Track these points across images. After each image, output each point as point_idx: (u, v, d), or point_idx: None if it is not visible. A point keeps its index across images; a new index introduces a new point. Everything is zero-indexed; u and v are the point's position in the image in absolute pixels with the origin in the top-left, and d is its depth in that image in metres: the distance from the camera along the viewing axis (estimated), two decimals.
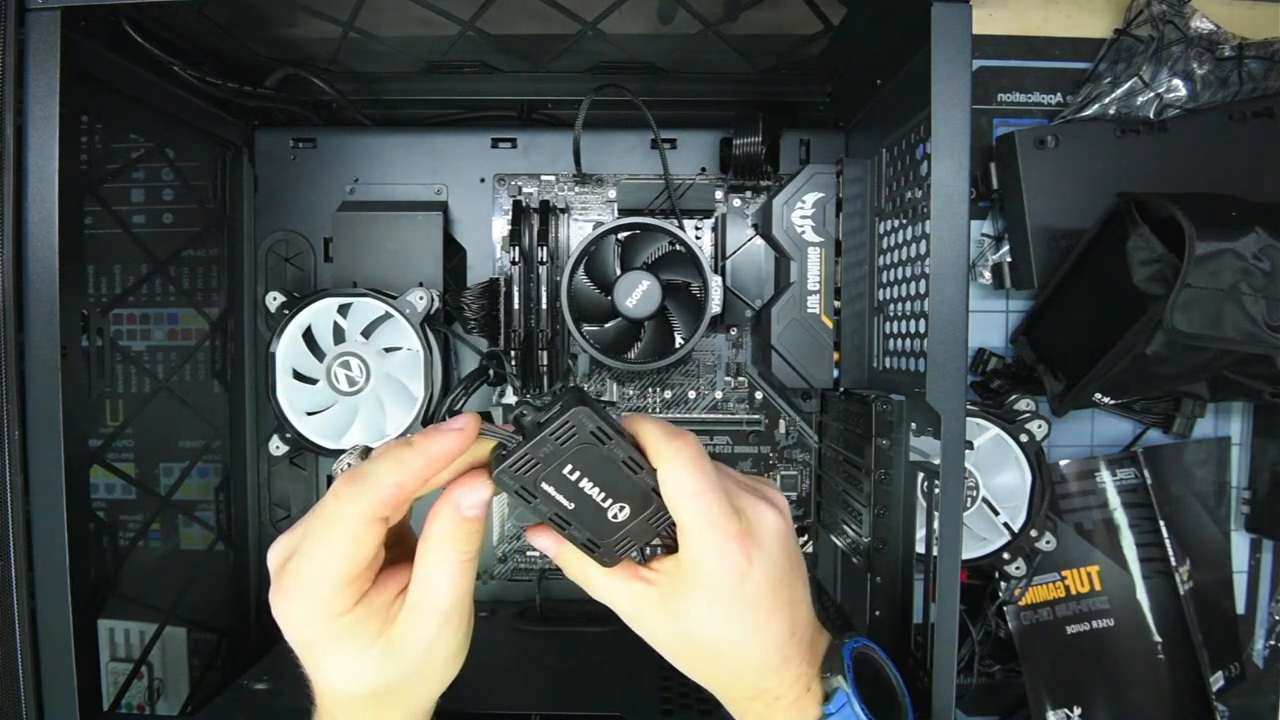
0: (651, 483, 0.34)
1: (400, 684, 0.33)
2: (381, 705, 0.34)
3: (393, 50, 0.60)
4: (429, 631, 0.32)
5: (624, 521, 0.35)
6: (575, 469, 0.33)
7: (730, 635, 0.35)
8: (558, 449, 0.32)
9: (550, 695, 0.53)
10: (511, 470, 0.32)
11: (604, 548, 0.35)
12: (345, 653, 0.32)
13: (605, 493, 0.34)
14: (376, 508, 0.30)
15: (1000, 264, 0.70)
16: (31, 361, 0.41)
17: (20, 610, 0.41)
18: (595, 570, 0.36)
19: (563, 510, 0.34)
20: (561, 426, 0.32)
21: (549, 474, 0.33)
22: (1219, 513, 0.72)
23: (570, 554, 0.36)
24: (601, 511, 0.34)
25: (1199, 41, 0.66)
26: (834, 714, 0.36)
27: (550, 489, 0.33)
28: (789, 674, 0.36)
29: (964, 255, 0.41)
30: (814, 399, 0.68)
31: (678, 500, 0.33)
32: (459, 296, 0.64)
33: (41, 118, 0.41)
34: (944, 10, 0.40)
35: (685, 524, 0.34)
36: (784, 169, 0.66)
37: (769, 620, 0.35)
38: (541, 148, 0.68)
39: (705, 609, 0.34)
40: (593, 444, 0.32)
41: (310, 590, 0.31)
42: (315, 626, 0.32)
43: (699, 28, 0.56)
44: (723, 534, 0.34)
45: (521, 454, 0.32)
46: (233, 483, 0.67)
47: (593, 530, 0.35)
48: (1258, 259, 0.54)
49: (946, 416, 0.41)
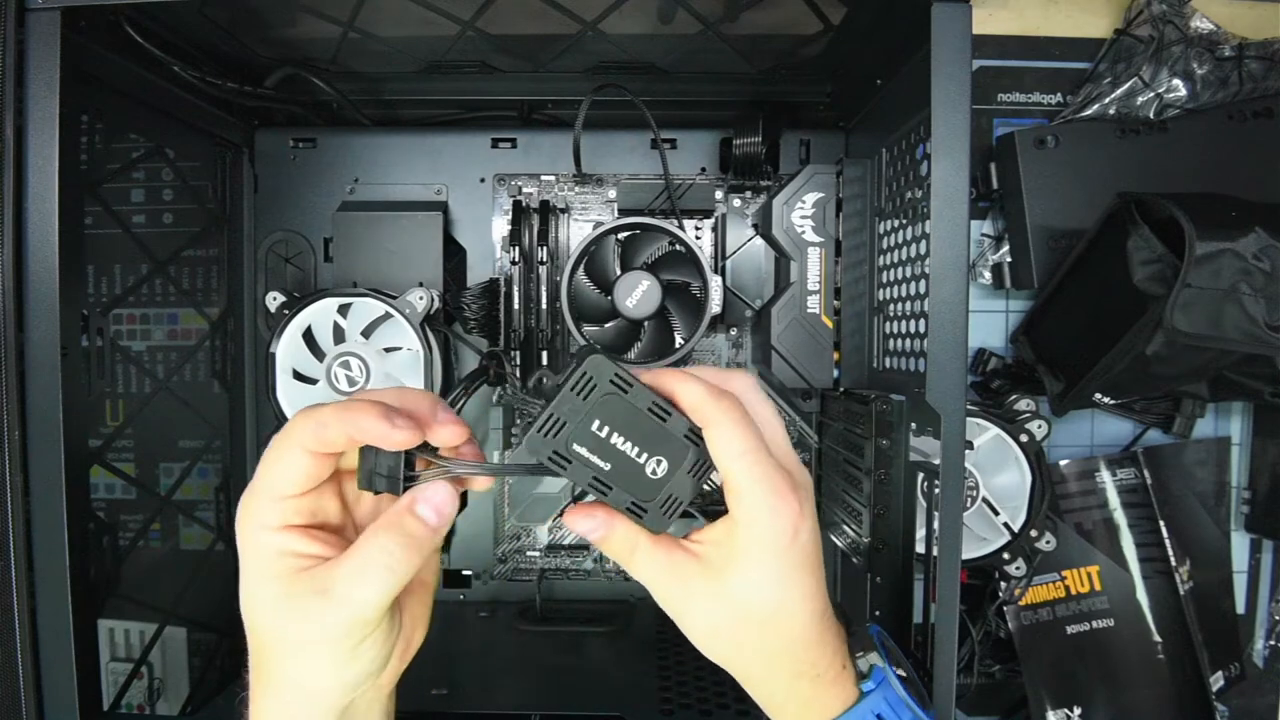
0: (683, 429, 0.34)
1: (282, 640, 0.33)
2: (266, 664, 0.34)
3: (393, 50, 0.60)
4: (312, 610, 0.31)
5: (664, 477, 0.34)
6: (603, 423, 0.32)
7: (782, 598, 0.34)
8: (580, 404, 0.32)
9: (550, 695, 0.53)
10: (540, 435, 0.32)
11: (650, 511, 0.34)
12: (254, 574, 0.33)
13: (638, 446, 0.33)
14: (308, 439, 0.32)
15: (1000, 264, 0.70)
16: (31, 361, 0.41)
17: (20, 610, 0.41)
18: (641, 548, 0.35)
19: (600, 473, 0.33)
20: (580, 379, 0.31)
21: (578, 433, 0.32)
22: (1219, 513, 0.72)
23: (615, 532, 0.34)
24: (639, 468, 0.33)
25: (1199, 41, 0.66)
26: (874, 689, 0.36)
27: (583, 450, 0.32)
28: (828, 648, 0.36)
29: (964, 255, 0.41)
30: (814, 399, 0.68)
31: (728, 461, 0.33)
32: (459, 296, 0.64)
33: (41, 118, 0.41)
34: (944, 10, 0.40)
35: (738, 484, 0.33)
36: (784, 169, 0.66)
37: (816, 583, 0.35)
38: (541, 148, 0.68)
39: (760, 571, 0.34)
40: (615, 393, 0.32)
41: (249, 493, 0.33)
42: (245, 530, 0.33)
43: (699, 28, 0.56)
44: (776, 490, 0.33)
45: (547, 414, 0.31)
46: (233, 483, 0.67)
47: (635, 491, 0.34)
48: (1258, 259, 0.54)
49: (946, 416, 0.41)
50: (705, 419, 0.33)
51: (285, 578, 0.32)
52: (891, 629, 0.50)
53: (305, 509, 0.33)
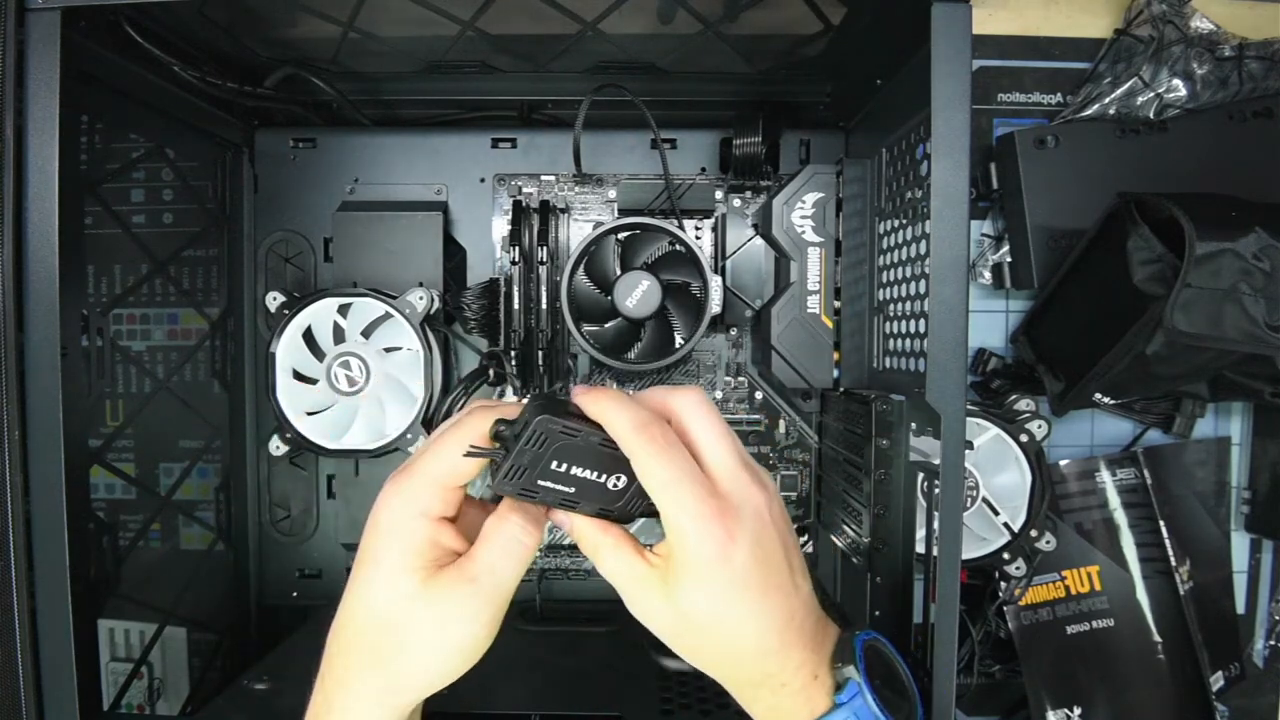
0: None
1: (409, 629, 0.34)
2: (381, 649, 0.35)
3: (393, 50, 0.60)
4: (465, 596, 0.34)
5: (625, 487, 0.36)
6: (561, 461, 0.35)
7: (724, 615, 0.35)
8: (537, 452, 0.34)
9: (550, 695, 0.53)
10: (505, 481, 0.34)
11: (616, 510, 0.37)
12: (395, 557, 0.34)
13: (597, 471, 0.36)
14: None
15: (1000, 264, 0.70)
16: (31, 361, 0.41)
17: (20, 610, 0.41)
18: (606, 546, 0.37)
19: (567, 496, 0.36)
20: (532, 436, 0.33)
21: (541, 472, 0.34)
22: (1219, 513, 0.72)
23: (583, 526, 0.37)
24: (601, 486, 0.36)
25: (1199, 41, 0.66)
26: (845, 704, 0.36)
27: (547, 483, 0.35)
28: (790, 660, 0.36)
29: (964, 255, 0.41)
30: (814, 399, 0.68)
31: (653, 491, 0.35)
32: (459, 296, 0.64)
33: (41, 118, 0.41)
34: (944, 10, 0.40)
35: (664, 511, 0.35)
36: (784, 169, 0.66)
37: (763, 601, 0.35)
38: (541, 148, 0.68)
39: (698, 590, 0.35)
40: (566, 440, 0.34)
41: (412, 477, 0.35)
42: (397, 511, 0.35)
43: (699, 28, 0.56)
44: (699, 515, 0.34)
45: (507, 466, 0.34)
46: (233, 483, 0.67)
47: (600, 502, 0.37)
48: (1258, 259, 0.54)
49: (946, 416, 0.41)
50: (628, 451, 0.35)
51: (430, 569, 0.34)
52: (891, 629, 0.50)
53: (454, 503, 0.35)
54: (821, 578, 0.69)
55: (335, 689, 0.35)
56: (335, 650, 0.36)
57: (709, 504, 0.34)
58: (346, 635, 0.35)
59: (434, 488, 0.35)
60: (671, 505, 0.34)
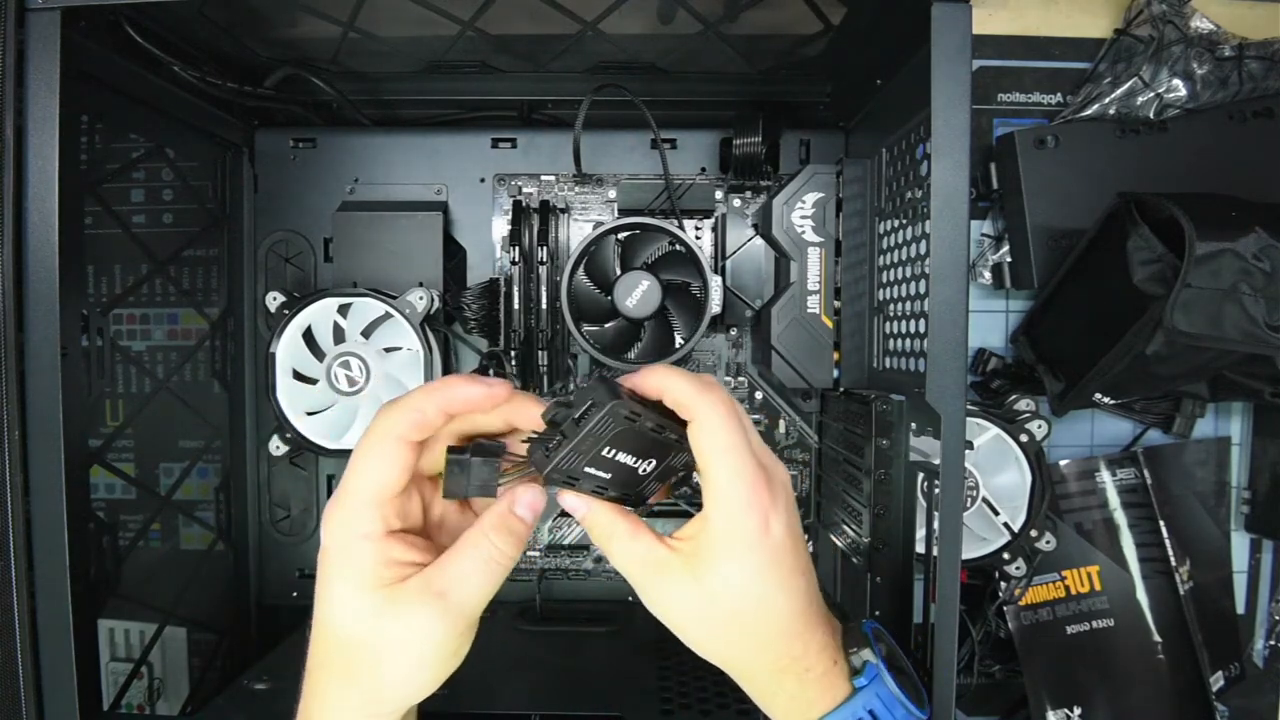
0: (675, 435, 0.35)
1: (378, 647, 0.33)
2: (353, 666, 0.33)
3: (393, 50, 0.60)
4: (434, 610, 0.33)
5: (651, 471, 0.36)
6: (611, 447, 0.34)
7: (758, 593, 0.35)
8: (598, 438, 0.33)
9: (550, 695, 0.53)
10: (556, 469, 0.33)
11: (632, 496, 0.37)
12: (348, 579, 0.33)
13: (636, 455, 0.35)
14: (405, 428, 0.33)
15: (1000, 264, 0.70)
16: (31, 361, 0.41)
17: (20, 610, 0.41)
18: (622, 534, 0.36)
19: (601, 482, 0.35)
20: (600, 423, 0.32)
21: (592, 459, 0.34)
22: (1219, 513, 0.72)
23: (599, 513, 0.36)
24: (633, 470, 0.36)
25: (1199, 41, 0.66)
26: (866, 686, 0.36)
27: (591, 469, 0.34)
28: (814, 642, 0.36)
29: (964, 255, 0.41)
30: (814, 399, 0.68)
31: (710, 455, 0.34)
32: (459, 296, 0.64)
33: (41, 118, 0.41)
34: (944, 10, 0.40)
35: (716, 479, 0.34)
36: (784, 169, 0.66)
37: (792, 578, 0.35)
38: (541, 148, 0.68)
39: (734, 565, 0.34)
40: (627, 426, 0.33)
41: (344, 499, 0.33)
42: (338, 537, 0.33)
43: (699, 28, 0.56)
44: (750, 484, 0.34)
45: (566, 453, 0.33)
46: (233, 483, 0.67)
47: (625, 487, 0.36)
48: (1258, 259, 0.54)
49: (946, 416, 0.41)
50: (692, 413, 0.34)
51: (390, 585, 0.33)
52: (891, 629, 0.50)
53: (400, 512, 0.34)
54: (821, 578, 0.69)
55: (318, 705, 0.35)
56: (313, 665, 0.35)
57: (759, 473, 0.34)
58: (320, 652, 0.34)
59: (369, 507, 0.33)
60: (723, 470, 0.34)
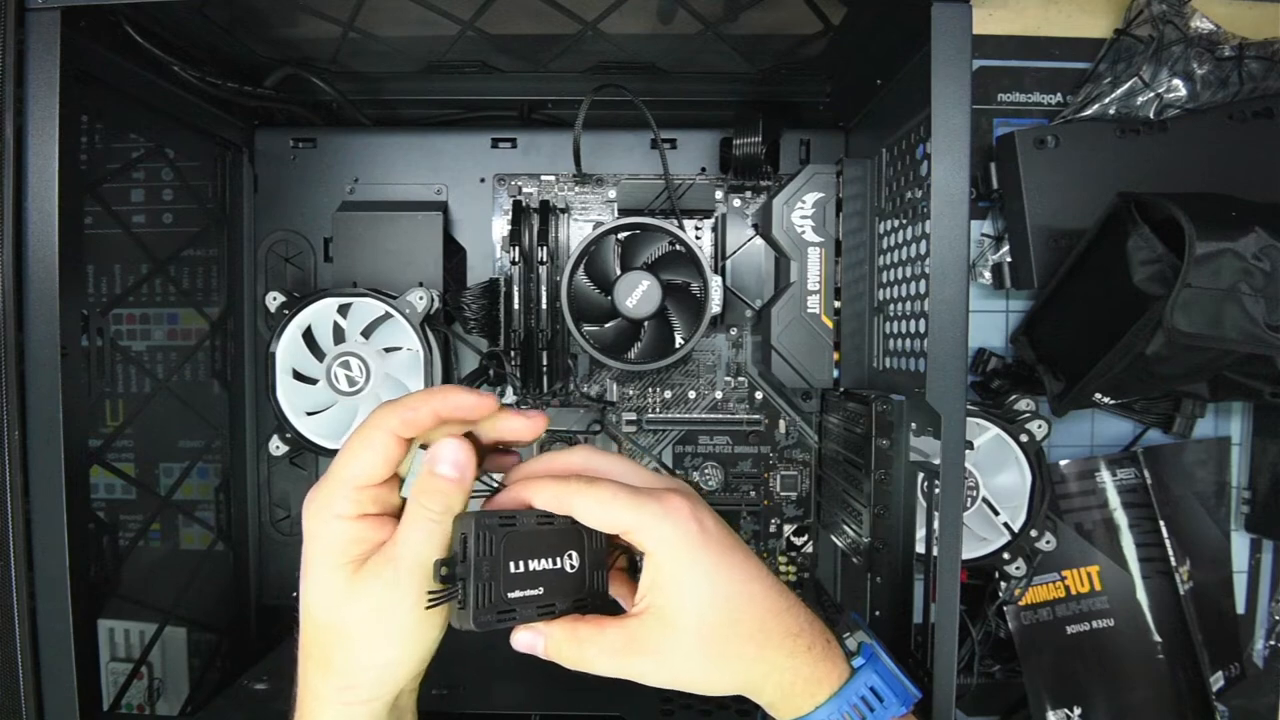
0: (565, 521, 0.36)
1: (346, 626, 0.34)
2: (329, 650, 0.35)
3: (393, 50, 0.60)
4: (387, 578, 0.34)
5: (580, 562, 0.37)
6: (517, 560, 0.35)
7: (728, 578, 0.36)
8: (493, 560, 0.34)
9: (550, 695, 0.53)
10: (480, 611, 0.34)
11: (586, 596, 0.37)
12: (323, 560, 0.35)
13: (549, 556, 0.36)
14: (396, 423, 0.35)
15: (1000, 264, 0.70)
16: (31, 361, 0.41)
17: (20, 610, 0.41)
18: (585, 640, 0.36)
19: (540, 600, 0.35)
20: (478, 543, 0.34)
21: (506, 582, 0.34)
22: (1219, 513, 0.72)
23: (557, 635, 0.36)
24: (561, 571, 0.36)
25: (1199, 41, 0.66)
26: (865, 664, 0.37)
27: (516, 593, 0.35)
28: (803, 614, 0.37)
29: (964, 255, 0.41)
30: (814, 399, 0.68)
31: (604, 519, 0.36)
32: (459, 296, 0.64)
33: (41, 118, 0.41)
34: (944, 10, 0.40)
35: (625, 523, 0.35)
36: (784, 169, 0.66)
37: (750, 558, 0.37)
38: (541, 148, 0.68)
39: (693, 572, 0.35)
40: (509, 529, 0.34)
41: (325, 483, 0.35)
42: (317, 519, 0.35)
43: (699, 28, 0.56)
44: (656, 500, 0.36)
45: (474, 592, 0.33)
46: (233, 483, 0.67)
47: (570, 592, 0.36)
48: (1258, 259, 0.54)
49: (946, 416, 0.41)
50: (564, 507, 0.36)
51: (357, 562, 0.35)
52: (891, 629, 0.50)
53: (379, 500, 0.36)
54: (821, 578, 0.69)
55: (303, 694, 0.36)
56: (301, 656, 0.37)
57: (650, 496, 0.36)
58: (306, 642, 0.36)
59: (346, 489, 0.35)
60: (624, 514, 0.35)
